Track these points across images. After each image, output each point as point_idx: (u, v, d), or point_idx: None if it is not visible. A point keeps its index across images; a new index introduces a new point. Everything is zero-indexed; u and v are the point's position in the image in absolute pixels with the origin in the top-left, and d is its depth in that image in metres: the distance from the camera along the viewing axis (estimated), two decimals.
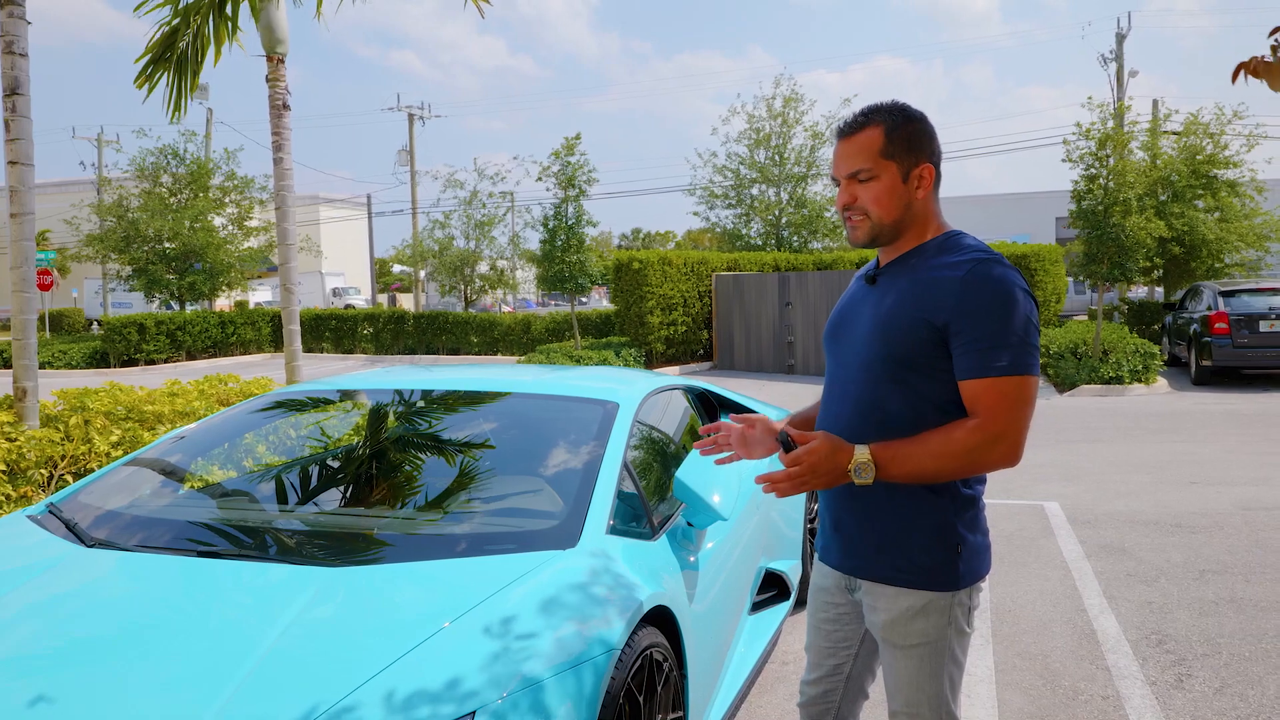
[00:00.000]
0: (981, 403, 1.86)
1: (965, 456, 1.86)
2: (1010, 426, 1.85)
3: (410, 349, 23.47)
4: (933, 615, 1.97)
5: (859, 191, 2.00)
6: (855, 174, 2.00)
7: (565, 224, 17.21)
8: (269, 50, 7.99)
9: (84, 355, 21.78)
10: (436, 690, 1.91)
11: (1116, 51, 27.10)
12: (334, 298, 42.81)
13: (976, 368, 1.86)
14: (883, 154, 1.97)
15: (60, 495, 3.07)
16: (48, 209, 39.59)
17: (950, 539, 1.97)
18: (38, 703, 1.88)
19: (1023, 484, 7.48)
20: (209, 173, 24.41)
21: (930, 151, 2.01)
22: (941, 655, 1.99)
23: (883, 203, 1.99)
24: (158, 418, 5.93)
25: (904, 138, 1.98)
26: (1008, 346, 1.85)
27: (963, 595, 1.99)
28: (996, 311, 1.86)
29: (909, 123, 1.99)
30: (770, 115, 26.01)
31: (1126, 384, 13.69)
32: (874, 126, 1.99)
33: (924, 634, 1.98)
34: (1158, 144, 19.59)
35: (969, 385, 1.88)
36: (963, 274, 1.89)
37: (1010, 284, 1.88)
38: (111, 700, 1.89)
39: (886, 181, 1.98)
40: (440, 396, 3.59)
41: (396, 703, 1.87)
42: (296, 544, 2.67)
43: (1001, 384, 1.85)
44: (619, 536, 2.66)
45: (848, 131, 2.02)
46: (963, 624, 2.00)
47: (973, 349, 1.86)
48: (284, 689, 1.90)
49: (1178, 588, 4.87)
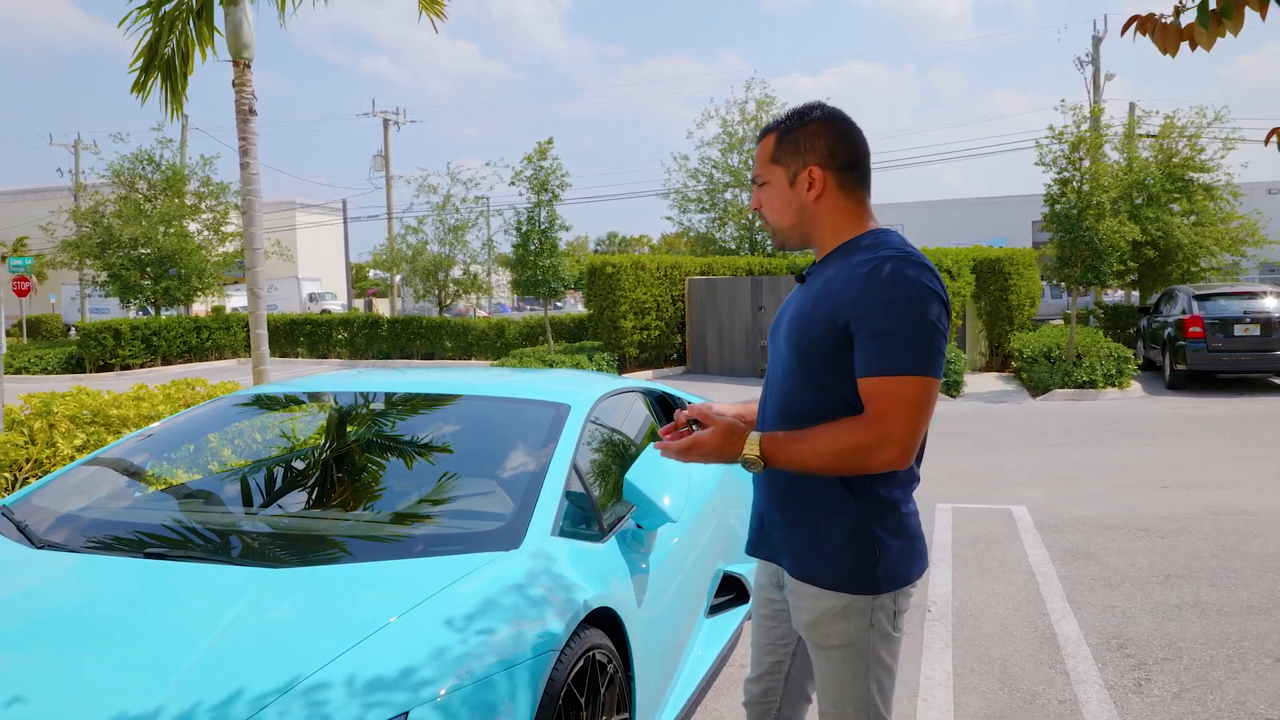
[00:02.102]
0: (874, 403, 1.83)
1: (850, 455, 1.84)
2: (900, 428, 1.81)
3: (385, 354, 23.38)
4: (853, 618, 1.95)
5: (760, 196, 2.07)
6: (754, 179, 2.08)
7: (538, 228, 17.16)
8: (235, 55, 7.95)
9: (60, 360, 21.59)
10: (373, 687, 1.93)
11: (1093, 55, 27.33)
12: (310, 302, 42.59)
13: (873, 366, 1.83)
14: (771, 159, 2.03)
15: (13, 497, 3.08)
16: (26, 215, 39.47)
17: (869, 543, 1.94)
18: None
19: (990, 488, 7.50)
20: (184, 179, 24.30)
21: (824, 154, 1.97)
22: (864, 658, 1.97)
23: (775, 207, 2.04)
24: (123, 421, 5.88)
25: (791, 142, 1.99)
26: (906, 346, 1.81)
27: (885, 599, 1.96)
28: (898, 310, 1.81)
29: (800, 127, 1.99)
30: (744, 119, 26.12)
31: (1100, 388, 13.77)
32: (771, 133, 2.04)
33: (844, 636, 1.96)
34: (1134, 147, 19.75)
35: (864, 383, 1.85)
36: (866, 271, 1.86)
37: (915, 283, 1.83)
38: (48, 697, 1.91)
39: (775, 186, 2.03)
40: (395, 399, 3.57)
41: (333, 698, 1.89)
42: (242, 545, 2.69)
43: (896, 384, 1.81)
44: (565, 538, 2.66)
45: (757, 139, 2.11)
46: (887, 628, 1.98)
47: (870, 347, 1.83)
48: (223, 684, 1.92)
49: (1141, 592, 4.88)
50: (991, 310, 17.11)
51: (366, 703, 1.89)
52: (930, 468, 8.10)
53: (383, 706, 1.89)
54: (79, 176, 35.16)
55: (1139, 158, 19.45)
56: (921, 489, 7.23)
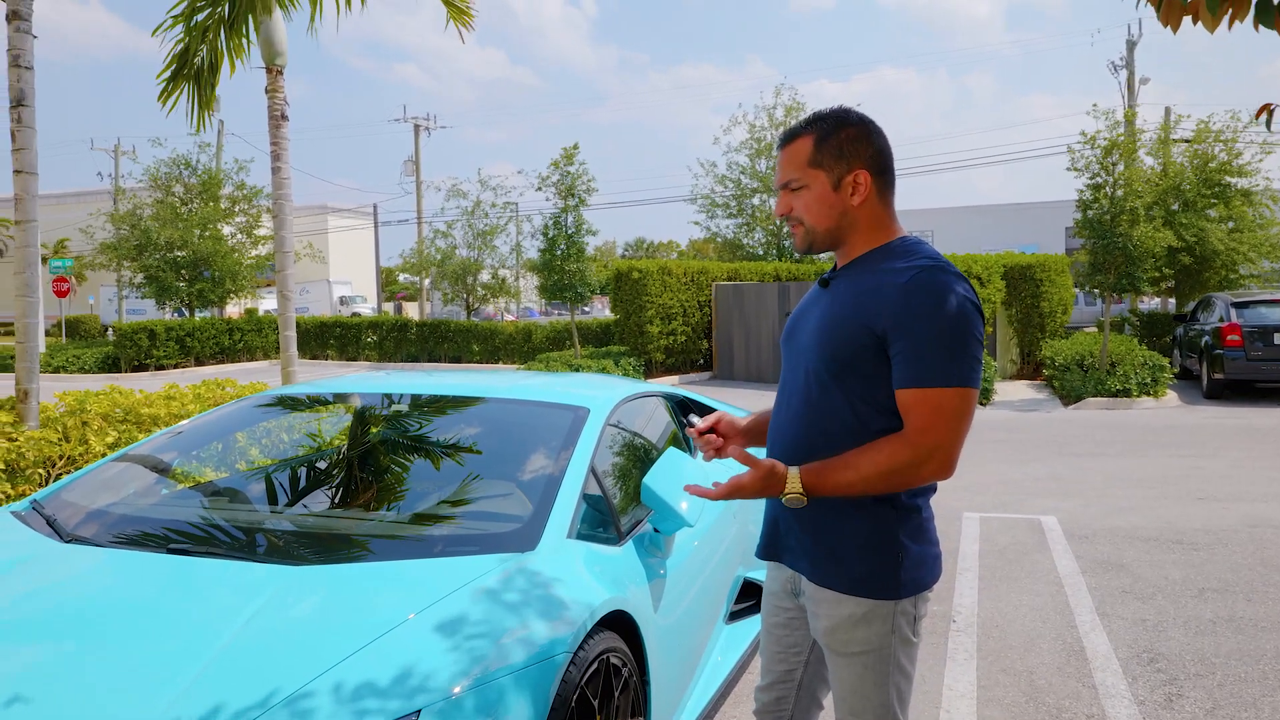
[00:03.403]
0: (915, 415, 1.84)
1: (897, 475, 1.84)
2: (943, 441, 1.83)
3: (413, 356, 23.55)
4: (875, 623, 1.94)
5: (793, 201, 2.02)
6: (787, 184, 2.02)
7: (565, 233, 17.20)
8: (268, 62, 8.07)
9: (96, 360, 21.96)
10: (386, 686, 1.94)
11: (1127, 58, 26.98)
12: (341, 306, 43.00)
13: (912, 377, 1.83)
14: (810, 163, 1.98)
15: (44, 492, 3.14)
16: (66, 218, 40.20)
17: (891, 548, 1.93)
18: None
19: (1020, 498, 7.40)
20: (219, 182, 24.67)
21: (867, 157, 1.98)
22: (886, 664, 1.96)
23: (814, 211, 1.99)
24: (154, 420, 5.97)
25: (834, 146, 1.97)
26: (946, 357, 1.82)
27: (906, 604, 1.95)
28: (937, 321, 1.82)
29: (841, 130, 1.98)
30: (772, 124, 26.00)
31: (1134, 397, 13.55)
32: (805, 136, 2.00)
33: (866, 642, 1.95)
34: (1168, 152, 19.44)
35: (904, 395, 1.86)
36: (904, 280, 1.86)
37: (955, 293, 1.84)
38: (69, 688, 1.94)
39: (816, 190, 1.99)
40: (416, 401, 3.59)
41: (346, 695, 1.91)
42: (264, 543, 2.72)
43: (937, 395, 1.82)
44: (582, 541, 2.65)
45: (784, 141, 2.04)
46: (907, 633, 1.97)
47: (909, 358, 1.83)
48: (241, 678, 1.95)
49: (1174, 605, 4.79)
50: (1023, 317, 16.91)
51: (380, 700, 1.90)
52: (958, 477, 8.01)
53: (396, 704, 1.89)
54: (118, 180, 35.78)
55: (1174, 163, 19.14)
56: (949, 498, 7.16)
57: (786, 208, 2.03)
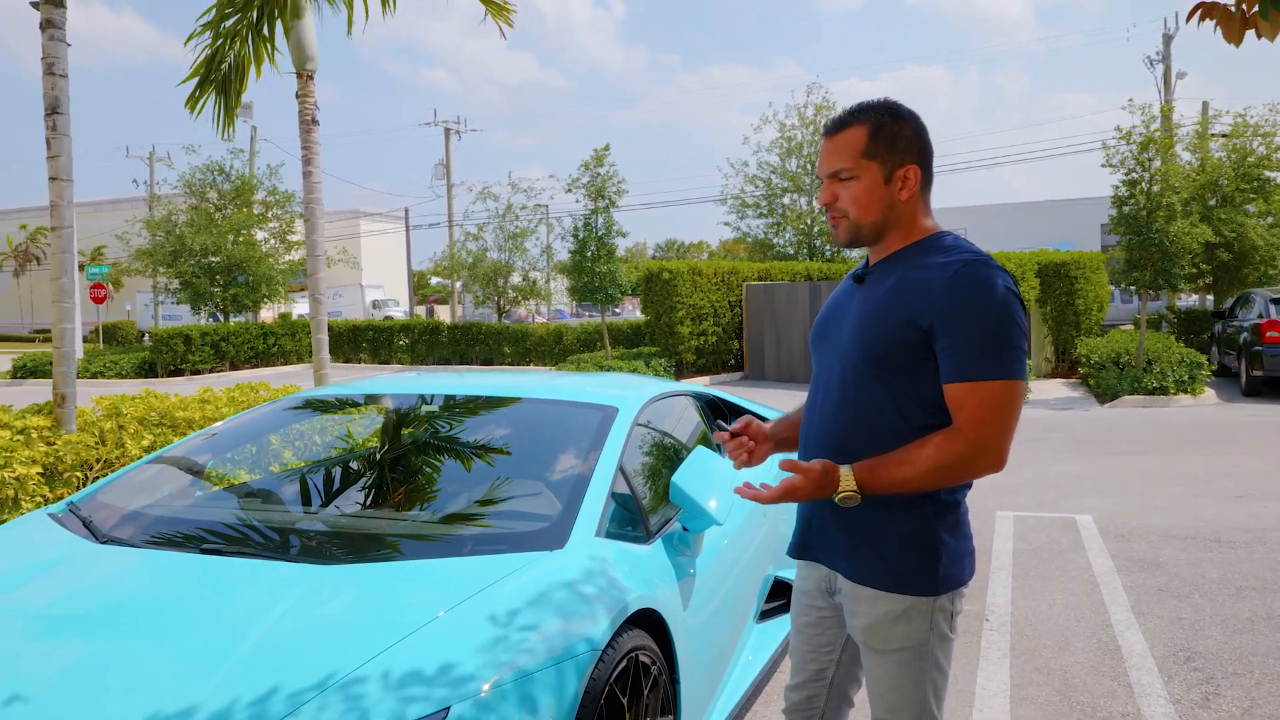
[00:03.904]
0: (967, 408, 1.83)
1: (953, 470, 1.84)
2: (996, 433, 1.82)
3: (445, 359, 23.70)
4: (914, 620, 1.93)
5: (839, 191, 1.97)
6: (836, 173, 1.97)
7: (595, 235, 17.23)
8: (299, 67, 8.15)
9: (133, 365, 22.28)
10: (416, 683, 1.95)
11: (1164, 53, 26.56)
12: (374, 309, 43.37)
13: (961, 371, 1.83)
14: (864, 154, 1.94)
15: (80, 494, 3.19)
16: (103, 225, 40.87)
17: (931, 543, 1.92)
18: (36, 683, 1.99)
19: (1055, 496, 7.31)
20: (252, 188, 24.94)
21: (917, 153, 1.96)
22: (924, 661, 1.95)
23: (862, 203, 1.96)
24: (188, 423, 6.06)
25: (888, 138, 1.94)
26: (994, 350, 1.81)
27: (944, 600, 1.94)
28: (983, 314, 1.82)
29: (895, 123, 1.95)
30: (802, 123, 25.88)
31: (1171, 395, 13.34)
32: (858, 126, 1.96)
33: (905, 639, 1.94)
34: (1206, 147, 19.11)
35: (954, 389, 1.84)
36: (949, 275, 1.85)
37: (997, 286, 1.84)
38: (104, 684, 1.98)
39: (867, 182, 1.95)
40: (446, 402, 3.62)
41: (375, 691, 1.93)
42: (296, 542, 2.75)
43: (987, 388, 1.82)
44: (611, 540, 2.65)
45: (833, 130, 1.99)
46: (945, 629, 1.96)
47: (958, 352, 1.83)
48: (270, 676, 1.97)
49: (1211, 604, 4.71)
50: (1057, 315, 16.70)
51: (408, 697, 1.91)
52: (992, 476, 7.92)
53: (424, 701, 1.91)
54: (153, 187, 36.33)
55: (1212, 158, 18.82)
56: (982, 497, 7.09)
57: (832, 197, 1.98)
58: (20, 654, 2.13)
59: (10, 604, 2.37)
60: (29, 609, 2.35)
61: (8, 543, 2.84)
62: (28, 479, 4.63)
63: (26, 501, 4.62)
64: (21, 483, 4.60)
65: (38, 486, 4.71)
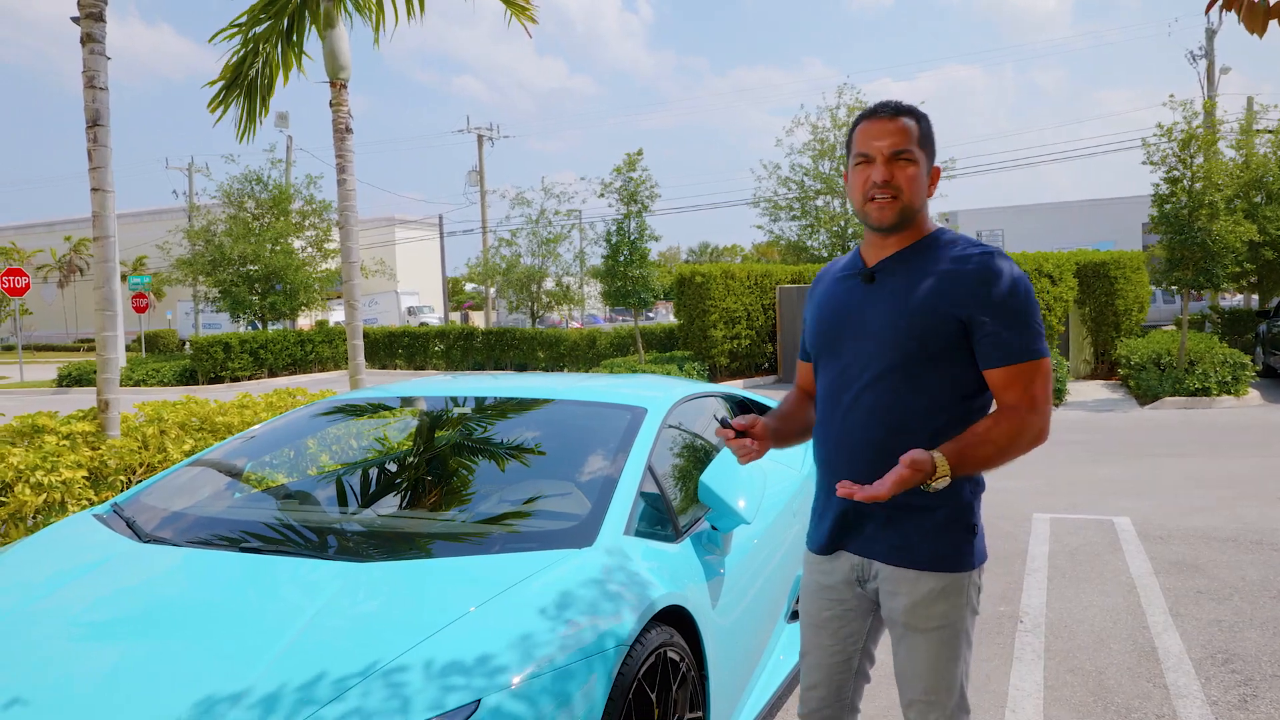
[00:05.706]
0: (1016, 387, 1.94)
1: (1028, 444, 1.94)
2: (1048, 407, 1.98)
3: (479, 364, 23.88)
4: (952, 596, 2.03)
5: (898, 171, 2.01)
6: (899, 153, 2.00)
7: (628, 239, 17.28)
8: (332, 76, 8.26)
9: (174, 373, 22.68)
10: (449, 674, 2.00)
11: (1206, 48, 26.12)
12: (409, 316, 43.79)
13: (1011, 354, 1.94)
14: (920, 143, 2.04)
15: (124, 496, 3.28)
16: (144, 236, 41.59)
17: (968, 520, 2.05)
18: (86, 677, 2.06)
19: (1092, 498, 7.23)
20: (289, 198, 25.28)
21: (934, 153, 2.11)
22: (958, 637, 2.05)
23: (912, 188, 2.02)
24: (228, 428, 6.18)
25: (930, 137, 2.07)
26: (1034, 332, 1.95)
27: (975, 575, 2.07)
28: (1016, 301, 1.95)
29: (928, 124, 2.07)
30: (834, 125, 25.74)
31: (1214, 396, 13.11)
32: (910, 117, 2.04)
33: (945, 616, 2.03)
34: (1251, 143, 18.75)
35: (1003, 372, 1.95)
36: (977, 267, 1.97)
37: (1020, 275, 1.98)
38: (149, 678, 2.04)
39: (918, 170, 2.04)
40: (477, 404, 3.67)
41: (410, 682, 1.98)
42: (333, 542, 2.81)
43: (1036, 367, 1.95)
44: (639, 538, 2.68)
45: (891, 113, 2.03)
46: (976, 603, 2.09)
47: (1004, 338, 1.93)
48: (308, 668, 2.03)
49: (1251, 606, 4.64)
50: (1096, 316, 16.48)
51: (442, 688, 1.96)
52: (1029, 478, 7.85)
53: (457, 692, 1.95)
54: (192, 198, 36.96)
55: (1257, 154, 18.45)
56: (1018, 500, 7.03)
57: (889, 174, 2.00)
58: (70, 649, 2.20)
59: (59, 601, 2.45)
60: (77, 606, 2.42)
61: (55, 543, 2.92)
62: (73, 482, 4.75)
63: (72, 504, 4.74)
64: (68, 486, 4.72)
65: (83, 490, 4.83)
